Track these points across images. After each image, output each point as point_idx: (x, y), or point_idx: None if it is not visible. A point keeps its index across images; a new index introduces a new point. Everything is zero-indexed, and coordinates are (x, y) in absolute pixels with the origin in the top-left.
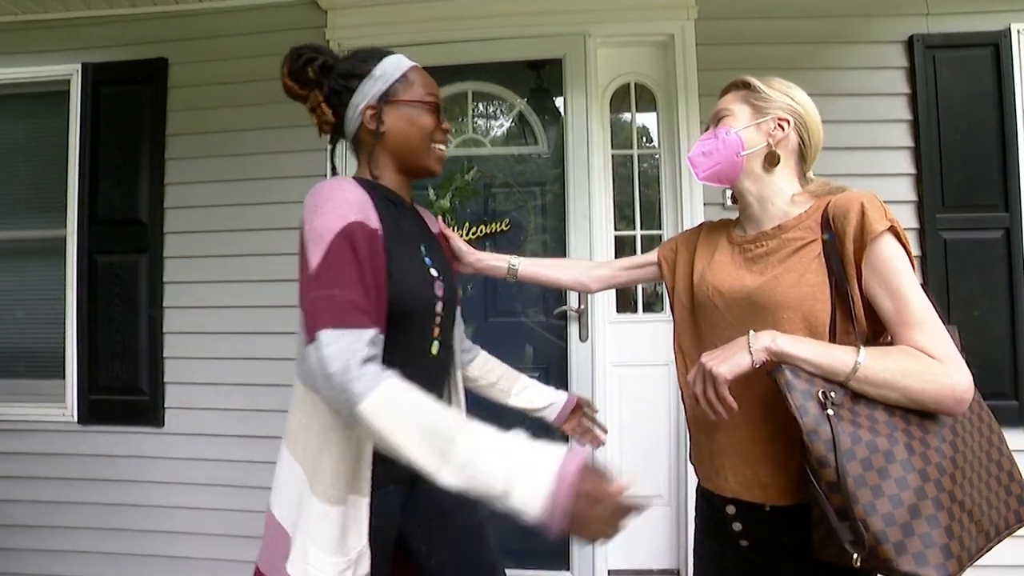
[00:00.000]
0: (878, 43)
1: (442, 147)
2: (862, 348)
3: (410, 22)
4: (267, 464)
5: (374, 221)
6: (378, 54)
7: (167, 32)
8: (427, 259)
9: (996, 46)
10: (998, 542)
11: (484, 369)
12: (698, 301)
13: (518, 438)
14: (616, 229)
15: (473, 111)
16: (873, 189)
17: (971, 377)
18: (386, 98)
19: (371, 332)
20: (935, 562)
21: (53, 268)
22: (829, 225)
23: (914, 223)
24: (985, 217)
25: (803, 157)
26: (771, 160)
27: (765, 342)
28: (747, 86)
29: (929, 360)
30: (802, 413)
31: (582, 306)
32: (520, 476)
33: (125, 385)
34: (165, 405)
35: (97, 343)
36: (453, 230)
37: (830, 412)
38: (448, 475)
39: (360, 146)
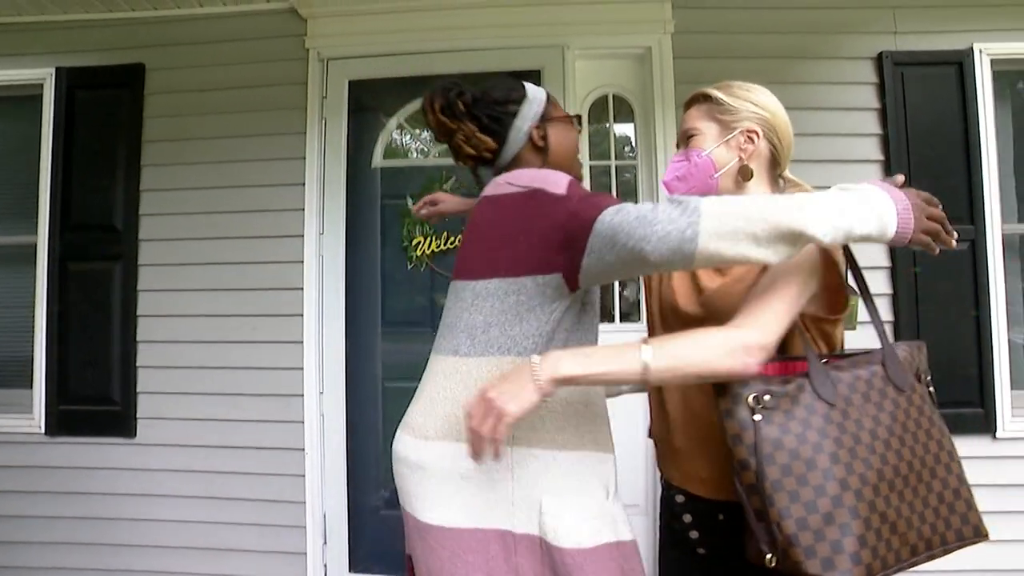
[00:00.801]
0: (849, 59)
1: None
2: (646, 344)
3: (390, 32)
4: (243, 475)
5: None
6: (518, 80)
7: (145, 37)
8: None
9: (960, 64)
10: (932, 558)
11: None
12: (660, 308)
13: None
14: None
15: None
16: None
17: (768, 334)
18: (544, 117)
19: None
20: (841, 567)
21: (23, 275)
22: None
23: None
24: (952, 229)
25: (776, 161)
26: (744, 174)
27: (548, 372)
28: (709, 99)
29: (714, 329)
30: (727, 416)
31: None
32: (872, 199)
33: (96, 395)
34: (137, 415)
35: (67, 352)
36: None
37: (757, 417)
38: (816, 222)
39: (522, 165)
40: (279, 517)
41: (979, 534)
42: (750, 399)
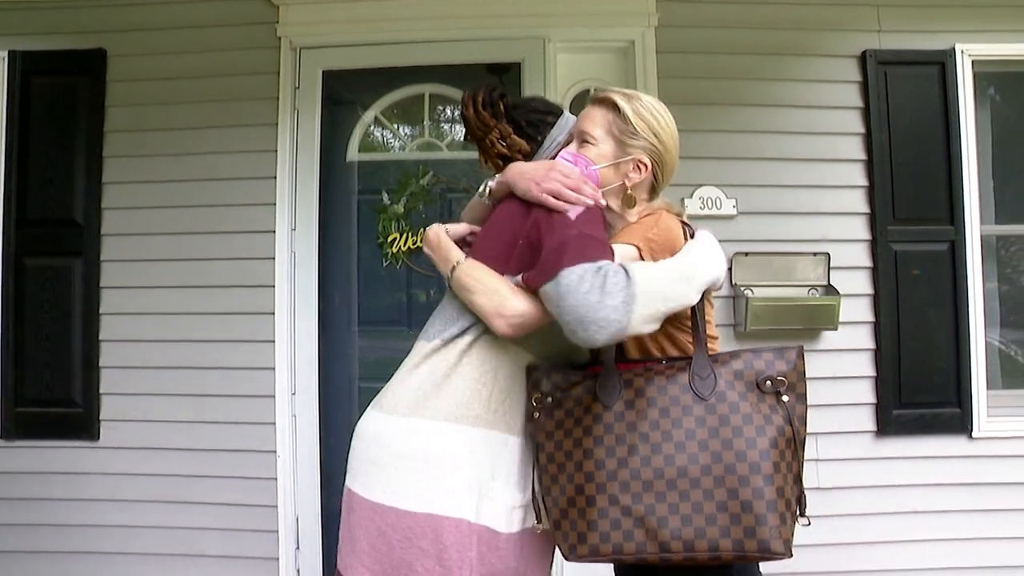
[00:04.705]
0: (833, 57)
1: None
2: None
3: (366, 20)
4: (212, 479)
5: None
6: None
7: (106, 21)
8: None
9: (942, 64)
10: (693, 561)
11: None
12: None
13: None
14: None
15: (430, 115)
16: (827, 201)
17: (528, 307)
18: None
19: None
20: (571, 541)
21: None
22: None
23: (866, 235)
24: (932, 230)
25: (653, 189)
26: (628, 202)
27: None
28: (616, 109)
29: (508, 287)
30: (533, 417)
31: None
32: (717, 251)
33: (56, 396)
34: (101, 417)
35: (25, 352)
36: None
37: (536, 414)
38: (696, 292)
39: None
40: (250, 522)
41: (766, 550)
42: (534, 399)
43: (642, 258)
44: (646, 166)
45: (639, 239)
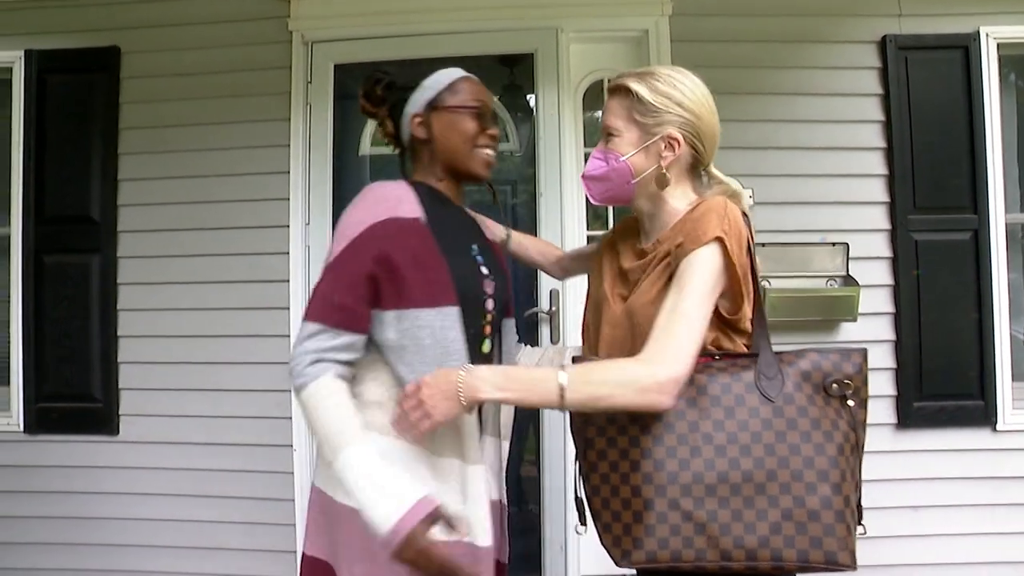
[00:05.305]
0: (852, 43)
1: (489, 152)
2: (564, 371)
3: (378, 14)
4: (230, 472)
5: (412, 212)
6: (454, 67)
7: (120, 19)
8: (478, 256)
9: (966, 48)
10: (756, 570)
11: (531, 358)
12: (596, 301)
13: (394, 472)
14: (589, 228)
15: None
16: (846, 190)
17: (679, 367)
18: (432, 105)
19: (344, 337)
20: (625, 546)
21: None
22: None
23: (886, 224)
24: (954, 219)
25: (698, 161)
26: (661, 183)
27: (469, 393)
28: (631, 93)
29: (627, 365)
30: (573, 429)
31: (553, 308)
32: (375, 505)
33: (76, 392)
34: (120, 412)
35: (45, 348)
36: None
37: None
38: (337, 471)
39: (411, 153)
40: (267, 515)
41: (832, 562)
42: None
43: (726, 252)
44: (678, 141)
45: (718, 231)
